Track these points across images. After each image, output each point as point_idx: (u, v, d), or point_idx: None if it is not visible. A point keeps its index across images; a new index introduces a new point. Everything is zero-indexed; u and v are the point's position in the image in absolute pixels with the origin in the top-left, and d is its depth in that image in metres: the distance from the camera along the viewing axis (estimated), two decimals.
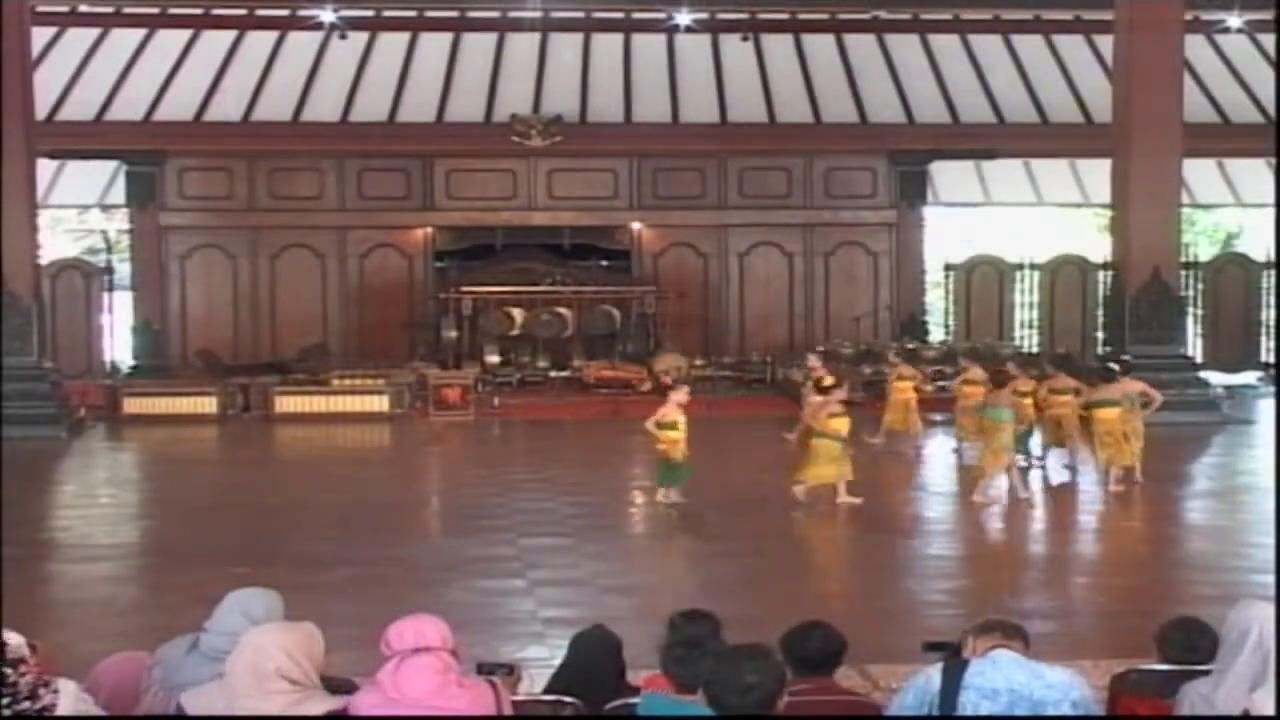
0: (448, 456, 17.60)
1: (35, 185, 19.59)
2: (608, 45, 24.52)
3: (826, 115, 25.08)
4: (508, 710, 4.45)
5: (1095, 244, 26.83)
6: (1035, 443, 15.14)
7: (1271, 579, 8.09)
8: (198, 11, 23.04)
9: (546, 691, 5.13)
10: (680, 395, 13.02)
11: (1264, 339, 24.20)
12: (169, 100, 24.13)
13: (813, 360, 16.99)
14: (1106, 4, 19.64)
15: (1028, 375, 15.23)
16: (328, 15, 21.17)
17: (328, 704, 4.28)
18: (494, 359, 22.50)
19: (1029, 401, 14.66)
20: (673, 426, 12.59)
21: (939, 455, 16.29)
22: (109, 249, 25.57)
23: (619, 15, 23.70)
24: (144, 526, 12.89)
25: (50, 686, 4.11)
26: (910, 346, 21.58)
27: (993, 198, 27.52)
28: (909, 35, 24.69)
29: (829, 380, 13.52)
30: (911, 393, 16.66)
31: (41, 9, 20.51)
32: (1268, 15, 20.63)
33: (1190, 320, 22.65)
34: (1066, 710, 4.37)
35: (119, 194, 25.17)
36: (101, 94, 23.95)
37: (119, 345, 23.96)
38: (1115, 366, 15.04)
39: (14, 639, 4.23)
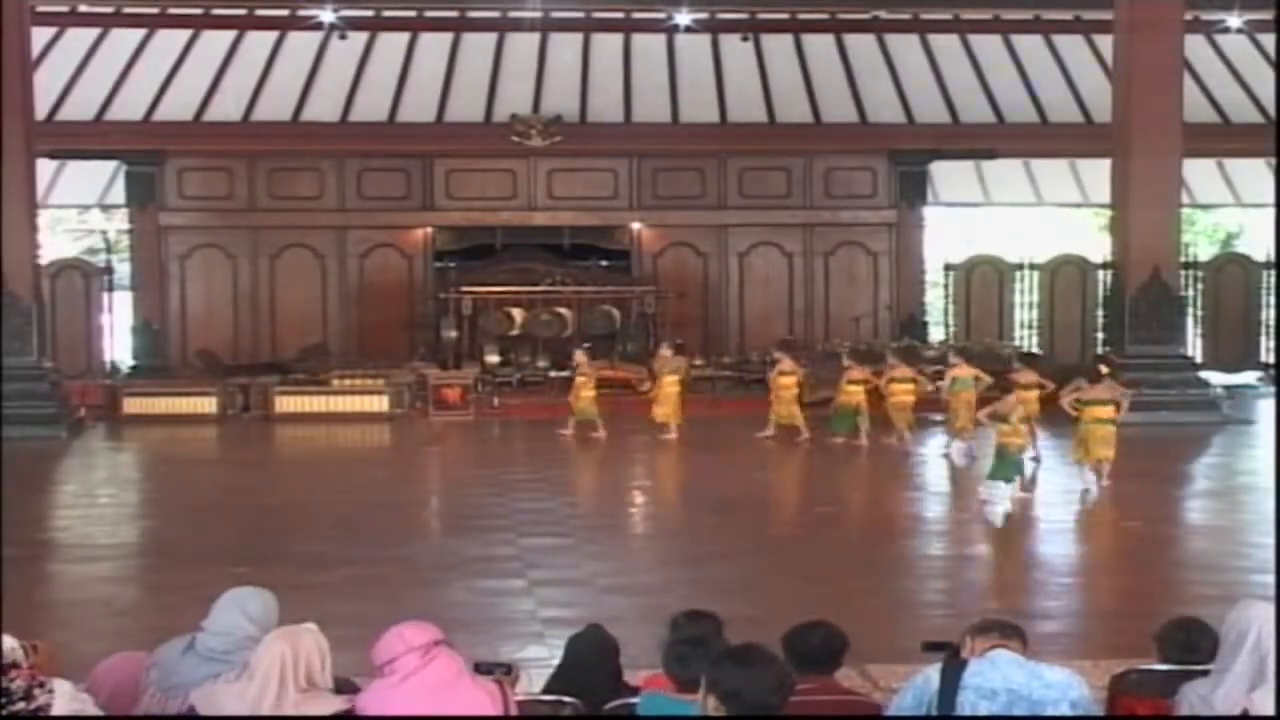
0: (448, 456, 17.61)
1: (35, 185, 19.62)
2: (608, 45, 24.52)
3: (826, 115, 25.08)
4: (513, 710, 4.47)
5: (1095, 244, 26.83)
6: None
7: (1271, 579, 8.09)
8: (197, 11, 23.04)
9: (544, 693, 5.13)
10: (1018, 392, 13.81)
11: (1264, 339, 24.21)
12: (169, 100, 24.14)
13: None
14: (1106, 4, 19.65)
15: (860, 365, 17.43)
16: (327, 15, 21.18)
17: (334, 704, 4.29)
18: (494, 359, 22.50)
19: (857, 389, 16.78)
20: (1007, 420, 12.99)
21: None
22: (109, 249, 25.56)
23: (619, 15, 23.70)
24: (144, 526, 12.90)
25: (45, 687, 4.11)
26: (959, 346, 21.54)
27: (992, 198, 27.52)
28: (909, 35, 24.69)
29: (1106, 369, 14.76)
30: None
31: (41, 9, 20.52)
32: (1267, 15, 20.63)
33: (1190, 320, 22.66)
34: (1065, 710, 4.37)
35: (119, 194, 25.18)
36: (101, 94, 23.95)
37: (119, 345, 23.96)
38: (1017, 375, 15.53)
39: (7, 643, 4.23)
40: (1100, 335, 21.73)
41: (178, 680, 4.55)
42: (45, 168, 22.40)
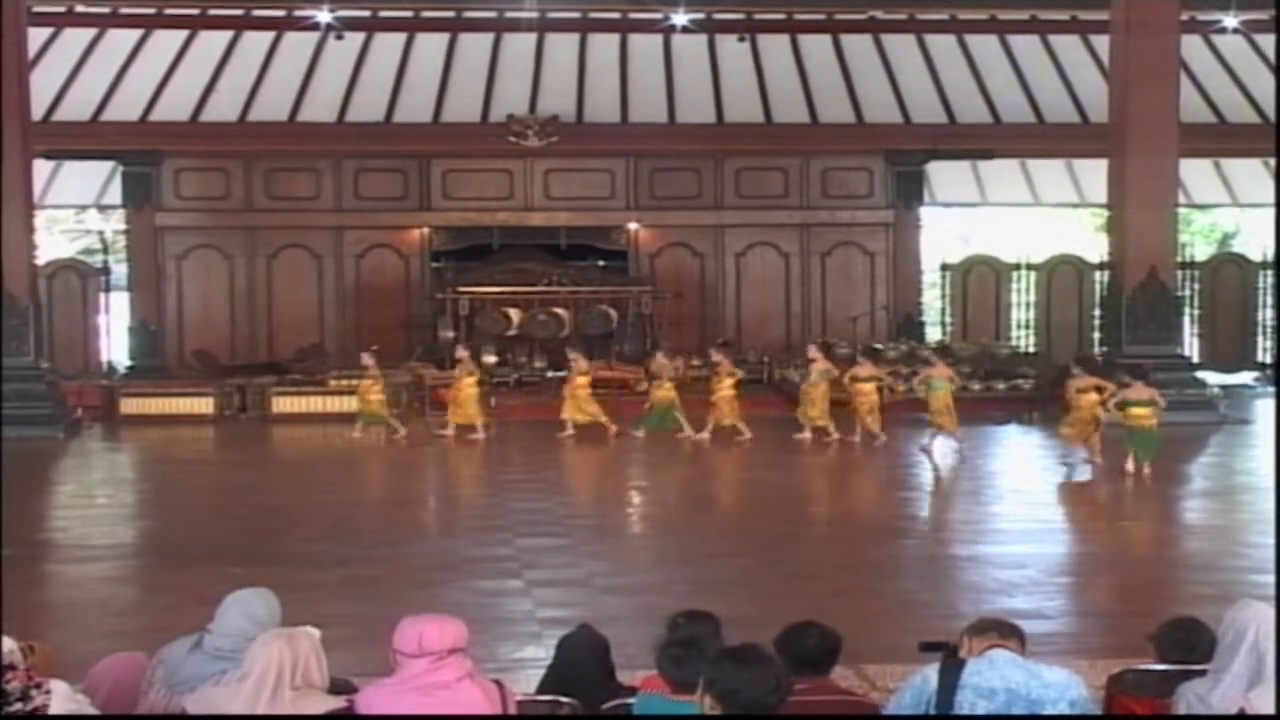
0: (444, 457, 17.58)
1: (32, 185, 19.58)
2: (604, 45, 24.52)
3: (823, 115, 25.08)
4: (512, 710, 4.47)
5: (1092, 244, 26.87)
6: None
7: (1269, 579, 8.10)
8: (194, 12, 23.01)
9: (538, 694, 5.13)
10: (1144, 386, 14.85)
11: (1260, 339, 24.24)
12: (165, 100, 24.12)
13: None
14: (1103, 4, 19.65)
15: (672, 362, 18.19)
16: (324, 15, 21.15)
17: (329, 703, 4.29)
18: (491, 359, 22.48)
19: (668, 388, 17.61)
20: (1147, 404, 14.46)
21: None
22: (105, 249, 25.55)
23: (615, 15, 23.68)
24: (141, 527, 12.87)
25: (42, 688, 4.11)
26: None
27: (989, 198, 27.55)
28: (905, 35, 24.69)
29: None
30: (1099, 407, 15.17)
31: (38, 9, 20.49)
32: (1264, 15, 20.65)
33: (1187, 320, 22.66)
34: (1064, 709, 4.38)
35: (115, 194, 25.16)
36: (98, 94, 23.93)
37: (116, 346, 23.95)
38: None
39: (5, 644, 4.23)
40: (1097, 335, 21.74)
41: (185, 678, 4.58)
42: (42, 168, 22.36)
